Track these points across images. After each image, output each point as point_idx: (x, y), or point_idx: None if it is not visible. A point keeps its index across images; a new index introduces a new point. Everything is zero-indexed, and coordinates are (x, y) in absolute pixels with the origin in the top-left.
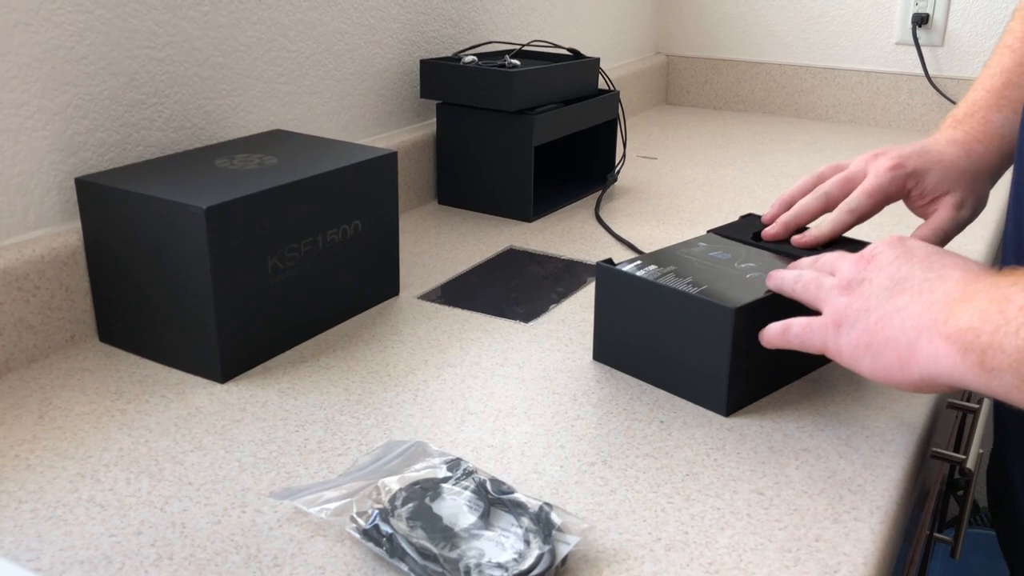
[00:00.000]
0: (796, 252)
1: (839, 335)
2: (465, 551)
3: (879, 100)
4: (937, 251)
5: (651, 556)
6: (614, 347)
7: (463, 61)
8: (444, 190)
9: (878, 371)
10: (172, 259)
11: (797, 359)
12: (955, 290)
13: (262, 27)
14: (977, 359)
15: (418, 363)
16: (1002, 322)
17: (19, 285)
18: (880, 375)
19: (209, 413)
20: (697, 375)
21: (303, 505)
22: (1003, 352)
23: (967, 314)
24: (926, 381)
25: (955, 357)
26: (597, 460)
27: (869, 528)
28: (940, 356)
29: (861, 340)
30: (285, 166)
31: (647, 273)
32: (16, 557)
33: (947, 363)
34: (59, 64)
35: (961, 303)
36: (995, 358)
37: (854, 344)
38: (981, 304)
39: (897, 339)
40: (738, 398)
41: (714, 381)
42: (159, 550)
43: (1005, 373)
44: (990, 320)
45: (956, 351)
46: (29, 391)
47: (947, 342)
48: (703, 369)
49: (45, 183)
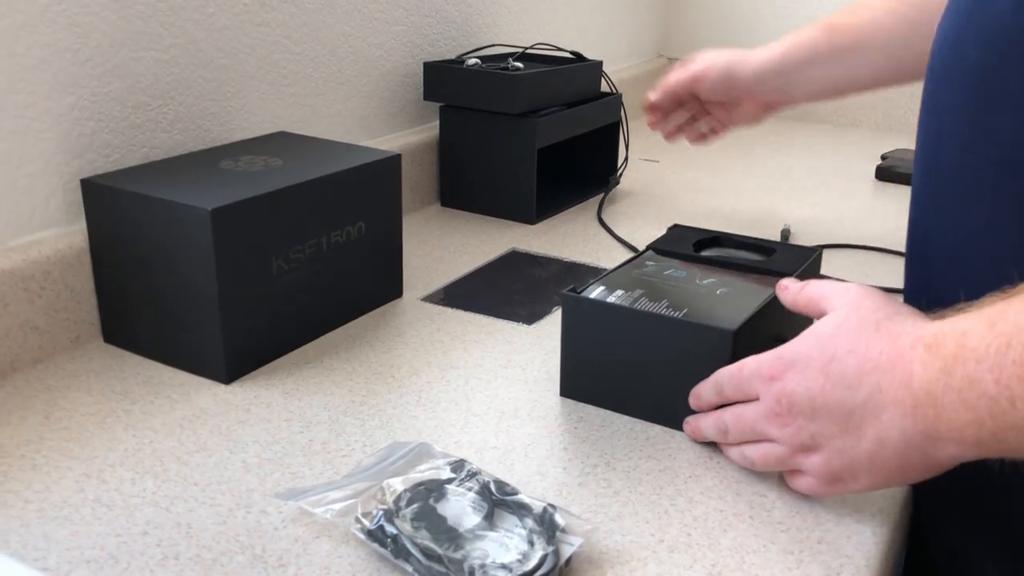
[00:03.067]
0: (742, 263)
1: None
2: (469, 552)
3: (880, 104)
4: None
5: (654, 557)
6: (586, 380)
7: (466, 64)
8: (447, 192)
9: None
10: (177, 260)
11: None
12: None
13: (266, 30)
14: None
15: (422, 365)
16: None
17: (25, 286)
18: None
19: (214, 414)
20: (688, 404)
21: (308, 506)
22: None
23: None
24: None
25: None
26: (600, 462)
27: (871, 530)
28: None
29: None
30: (290, 168)
31: (619, 299)
32: (23, 556)
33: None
34: (65, 66)
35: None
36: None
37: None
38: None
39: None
40: None
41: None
42: (165, 550)
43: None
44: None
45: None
46: (35, 392)
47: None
48: None
49: (51, 184)
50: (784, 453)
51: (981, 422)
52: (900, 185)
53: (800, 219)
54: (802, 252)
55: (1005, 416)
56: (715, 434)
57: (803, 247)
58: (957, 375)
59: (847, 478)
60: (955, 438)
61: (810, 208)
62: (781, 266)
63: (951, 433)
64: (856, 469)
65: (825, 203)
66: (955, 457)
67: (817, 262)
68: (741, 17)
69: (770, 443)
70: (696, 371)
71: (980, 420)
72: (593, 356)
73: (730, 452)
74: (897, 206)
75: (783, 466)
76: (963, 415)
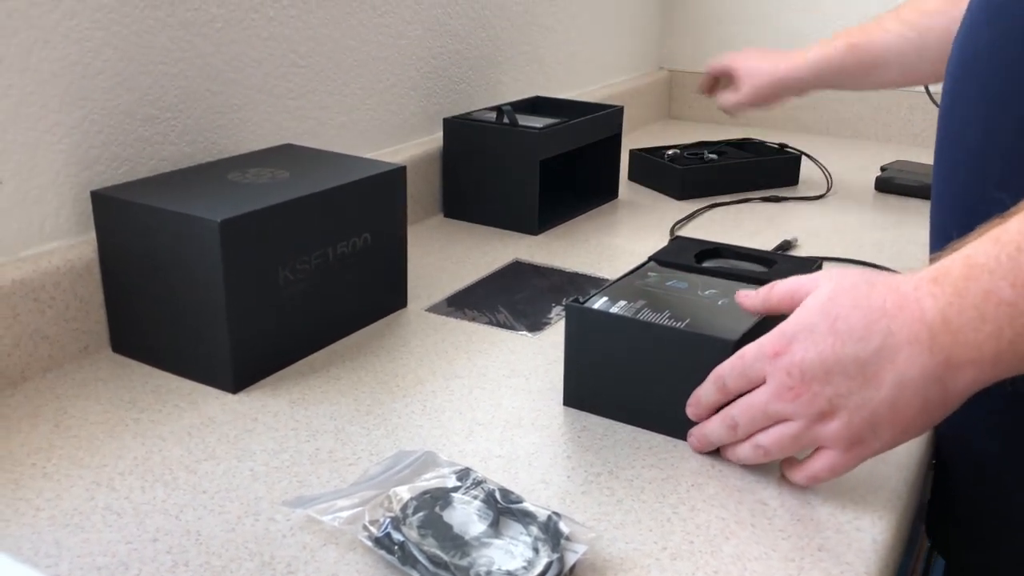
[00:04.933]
0: (744, 274)
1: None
2: (475, 559)
3: (880, 115)
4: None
5: (657, 565)
6: (590, 390)
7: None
8: (450, 203)
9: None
10: (185, 271)
11: None
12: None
13: (273, 43)
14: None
15: (426, 374)
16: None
17: (35, 296)
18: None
19: (222, 423)
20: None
21: (316, 513)
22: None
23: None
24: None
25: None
26: (603, 470)
27: (871, 538)
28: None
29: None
30: (296, 180)
31: (622, 309)
32: (35, 563)
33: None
34: (76, 79)
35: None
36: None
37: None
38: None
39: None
40: None
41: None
42: (175, 557)
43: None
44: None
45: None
46: (44, 400)
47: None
48: None
49: (61, 196)
50: (799, 428)
51: (1000, 332)
52: (900, 196)
53: (800, 231)
54: (802, 263)
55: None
56: (724, 432)
57: (803, 258)
58: (971, 293)
59: (868, 437)
60: (973, 358)
61: (809, 220)
62: (782, 277)
63: (969, 354)
64: (877, 422)
65: (824, 215)
66: (972, 383)
67: None
68: (739, 29)
69: (783, 424)
70: (698, 381)
71: (999, 330)
72: (596, 366)
73: (740, 450)
74: (896, 217)
75: (799, 445)
76: (981, 331)
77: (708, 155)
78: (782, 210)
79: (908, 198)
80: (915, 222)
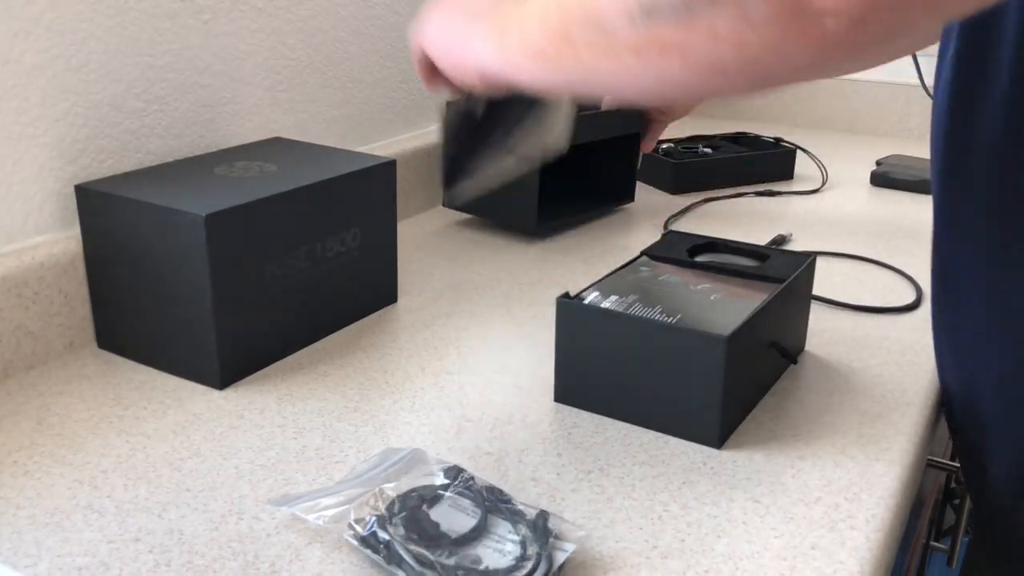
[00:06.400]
0: (737, 269)
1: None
2: (462, 558)
3: (875, 110)
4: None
5: (647, 564)
6: (580, 386)
7: None
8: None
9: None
10: (171, 266)
11: (763, 375)
12: None
13: (262, 35)
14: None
15: (416, 370)
16: None
17: (19, 291)
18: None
19: (207, 420)
20: (684, 409)
21: (301, 512)
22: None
23: None
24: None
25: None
26: (594, 468)
27: (865, 536)
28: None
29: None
30: (284, 174)
31: (613, 304)
32: (14, 564)
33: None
34: (59, 72)
35: None
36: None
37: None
38: None
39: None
40: (727, 428)
41: (704, 413)
42: (157, 557)
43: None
44: None
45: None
46: (27, 397)
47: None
48: (691, 402)
49: (45, 190)
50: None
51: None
52: (895, 191)
53: (795, 225)
54: (796, 258)
55: None
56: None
57: (797, 253)
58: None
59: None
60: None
61: (804, 214)
62: (775, 272)
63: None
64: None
65: (819, 209)
66: None
67: (811, 268)
68: None
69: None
70: (690, 377)
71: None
72: (587, 362)
73: None
74: (892, 212)
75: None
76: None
77: (702, 149)
78: (777, 204)
79: (903, 192)
80: (910, 217)
